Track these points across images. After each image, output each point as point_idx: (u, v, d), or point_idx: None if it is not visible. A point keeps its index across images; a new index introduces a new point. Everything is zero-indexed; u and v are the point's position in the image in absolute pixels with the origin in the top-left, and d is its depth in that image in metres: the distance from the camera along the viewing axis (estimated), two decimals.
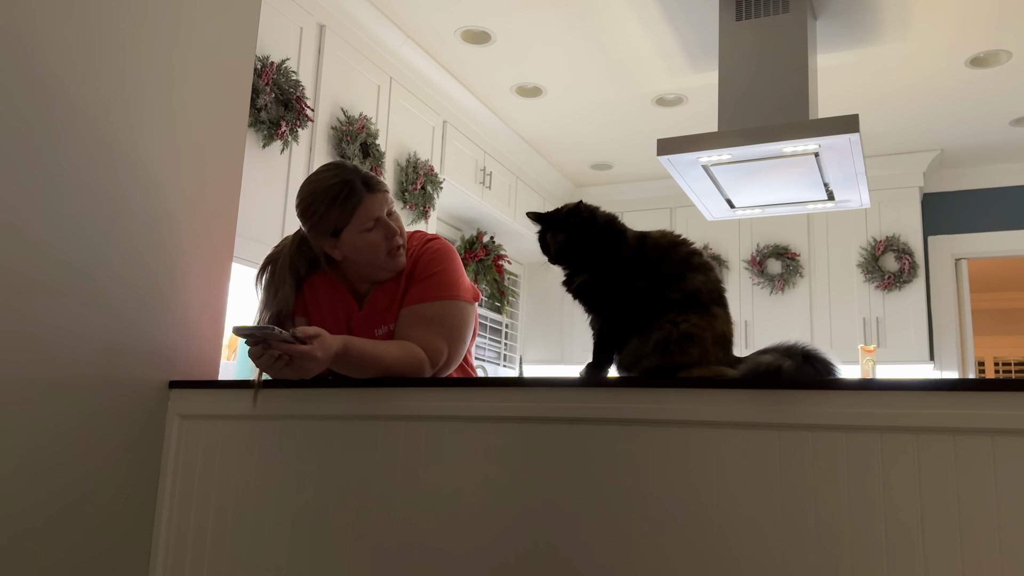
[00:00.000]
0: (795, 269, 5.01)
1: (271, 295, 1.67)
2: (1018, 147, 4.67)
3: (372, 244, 1.62)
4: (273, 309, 1.65)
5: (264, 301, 1.68)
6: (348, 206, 1.59)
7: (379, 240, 1.62)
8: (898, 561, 1.09)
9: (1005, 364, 8.29)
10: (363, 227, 1.60)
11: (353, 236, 1.61)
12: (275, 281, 1.68)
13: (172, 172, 1.67)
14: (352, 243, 1.62)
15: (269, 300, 1.67)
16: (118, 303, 1.54)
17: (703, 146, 3.13)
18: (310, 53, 3.14)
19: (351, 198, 1.59)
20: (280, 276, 1.68)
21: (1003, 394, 1.08)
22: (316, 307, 1.70)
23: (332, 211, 1.59)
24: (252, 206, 2.80)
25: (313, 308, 1.70)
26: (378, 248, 1.62)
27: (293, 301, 1.68)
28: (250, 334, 1.39)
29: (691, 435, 1.22)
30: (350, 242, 1.62)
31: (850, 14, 3.36)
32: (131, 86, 1.59)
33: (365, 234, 1.61)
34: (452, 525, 1.35)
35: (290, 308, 1.66)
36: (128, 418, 1.56)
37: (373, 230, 1.61)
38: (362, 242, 1.61)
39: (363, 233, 1.61)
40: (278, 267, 1.69)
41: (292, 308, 1.67)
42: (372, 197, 1.61)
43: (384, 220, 1.62)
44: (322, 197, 1.60)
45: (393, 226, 1.63)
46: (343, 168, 1.64)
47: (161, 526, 1.59)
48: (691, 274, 1.35)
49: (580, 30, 3.56)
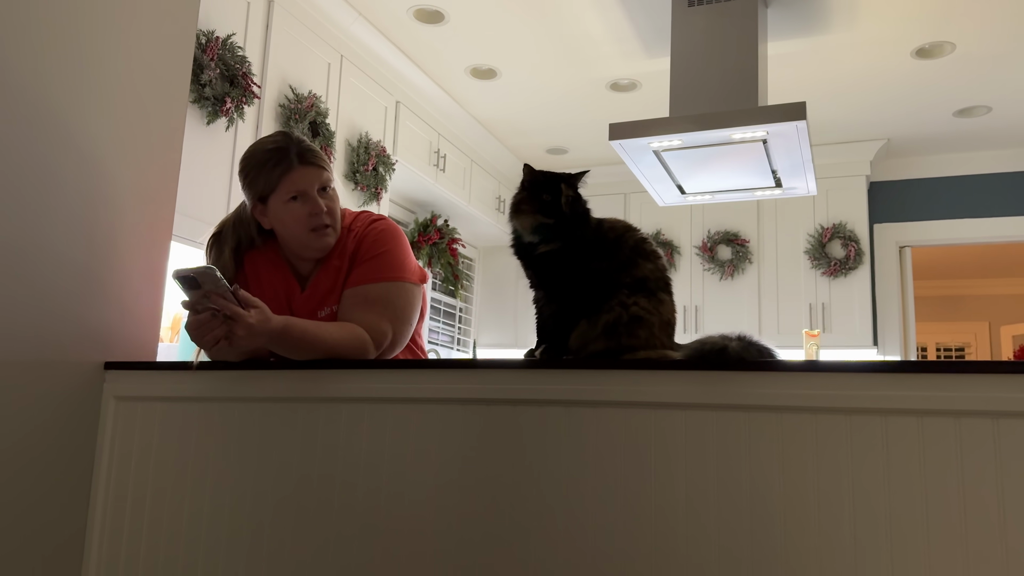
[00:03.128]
0: (744, 255, 5.09)
1: (214, 262, 1.65)
2: (961, 138, 4.79)
3: (295, 217, 1.60)
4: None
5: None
6: (275, 172, 1.58)
7: (303, 214, 1.60)
8: (830, 538, 1.11)
9: (946, 350, 8.55)
10: (287, 196, 1.59)
11: (278, 205, 1.60)
12: (219, 247, 1.66)
13: (108, 146, 1.62)
14: (277, 212, 1.61)
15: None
16: (51, 281, 1.49)
17: (654, 131, 3.14)
18: (257, 28, 3.06)
19: (279, 165, 1.58)
20: (223, 242, 1.67)
21: (932, 376, 1.11)
22: (257, 286, 1.67)
23: (261, 176, 1.59)
24: (195, 183, 2.73)
25: (255, 287, 1.66)
26: (300, 222, 1.60)
27: (233, 267, 1.66)
28: (190, 277, 1.33)
29: (631, 416, 1.23)
30: (275, 211, 1.61)
31: (800, 3, 3.40)
32: (64, 57, 1.53)
33: (289, 204, 1.59)
34: (393, 507, 1.34)
35: (230, 275, 1.64)
36: (62, 399, 1.52)
37: (298, 202, 1.59)
38: (285, 213, 1.60)
39: (287, 203, 1.59)
40: (221, 235, 1.68)
41: (233, 276, 1.65)
42: (302, 169, 1.59)
43: (311, 195, 1.60)
44: (256, 160, 1.61)
45: (320, 203, 1.60)
46: (286, 136, 1.63)
47: (96, 508, 1.55)
48: (642, 261, 1.36)
49: (535, 12, 3.54)
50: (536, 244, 1.39)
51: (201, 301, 1.36)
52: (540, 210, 1.38)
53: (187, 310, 1.39)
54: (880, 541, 1.09)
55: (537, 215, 1.39)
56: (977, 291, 8.41)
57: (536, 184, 1.41)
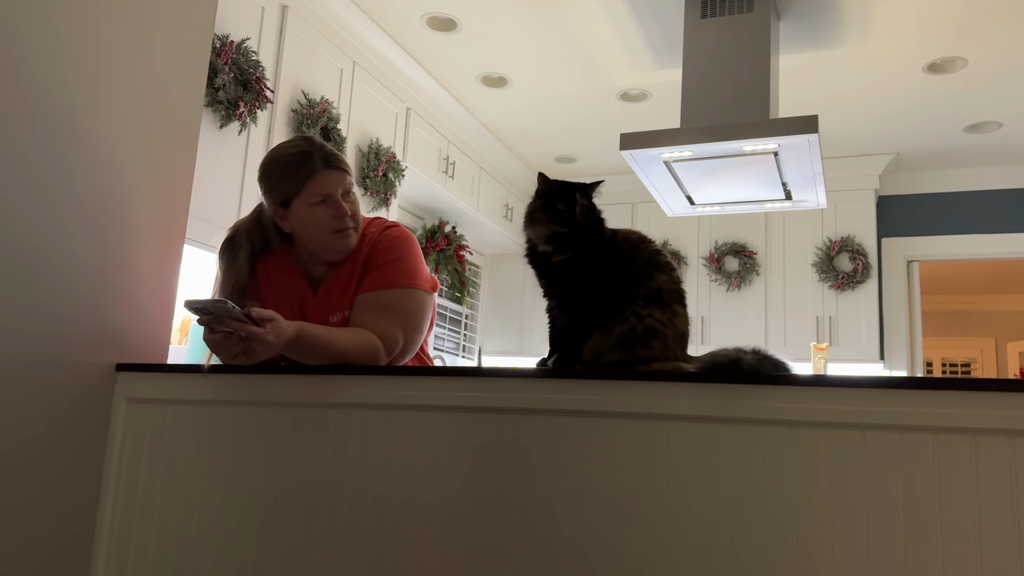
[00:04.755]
0: (752, 267, 5.08)
1: (228, 266, 1.65)
2: (971, 153, 4.78)
3: (319, 220, 1.60)
4: (231, 280, 1.63)
5: (221, 274, 1.66)
6: (300, 176, 1.58)
7: (326, 217, 1.60)
8: (842, 554, 1.10)
9: (952, 365, 8.51)
10: (312, 200, 1.59)
11: (301, 208, 1.60)
12: (232, 251, 1.66)
13: (123, 149, 1.62)
14: (299, 216, 1.60)
15: (226, 271, 1.65)
16: (64, 283, 1.50)
17: (665, 142, 3.14)
18: (271, 34, 3.08)
19: (304, 168, 1.59)
20: (237, 246, 1.66)
21: (948, 393, 1.10)
22: (269, 291, 1.67)
23: (284, 179, 1.59)
24: (208, 187, 2.74)
25: (266, 292, 1.67)
26: (324, 225, 1.60)
27: (247, 271, 1.66)
28: (202, 308, 1.34)
29: (644, 428, 1.23)
30: (298, 214, 1.61)
31: (812, 16, 3.40)
32: (82, 61, 1.54)
33: (313, 208, 1.59)
34: (402, 514, 1.34)
35: (244, 278, 1.64)
36: (74, 400, 1.52)
37: (322, 205, 1.59)
38: (309, 216, 1.60)
39: (311, 207, 1.59)
40: (236, 239, 1.67)
41: (247, 280, 1.65)
42: (327, 173, 1.59)
43: (335, 198, 1.60)
44: (279, 164, 1.61)
45: (344, 206, 1.61)
46: (309, 141, 1.63)
47: (106, 510, 1.55)
48: (656, 272, 1.35)
49: (547, 21, 3.55)
50: (550, 253, 1.39)
51: (216, 324, 1.37)
52: (554, 219, 1.38)
53: (203, 327, 1.39)
54: (894, 558, 1.08)
55: (551, 224, 1.39)
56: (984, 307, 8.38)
57: (550, 193, 1.41)
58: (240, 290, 1.63)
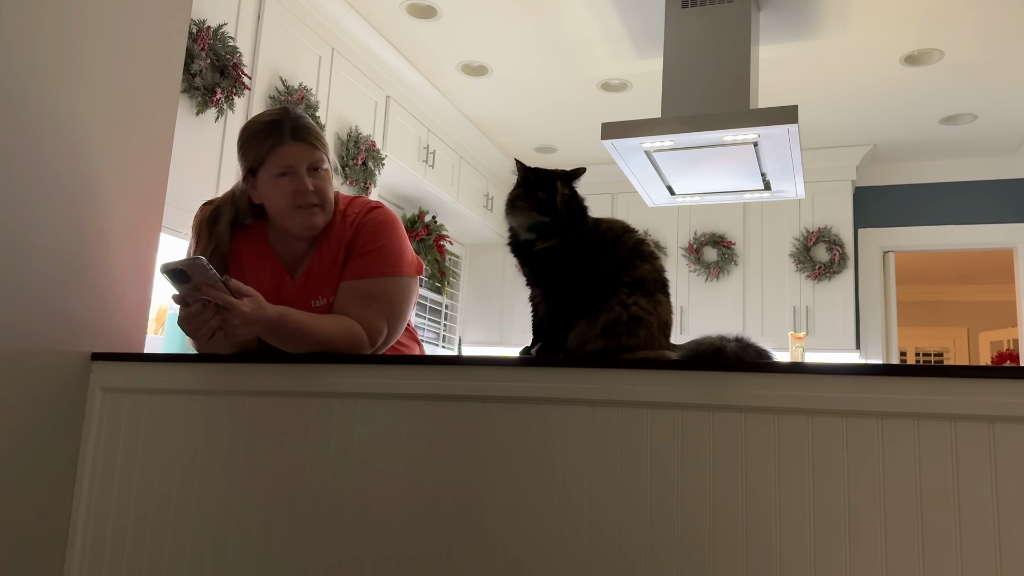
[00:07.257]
0: (730, 257, 5.11)
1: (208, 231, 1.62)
2: (946, 145, 4.84)
3: (281, 192, 1.57)
4: (210, 247, 1.60)
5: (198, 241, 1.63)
6: (265, 145, 1.57)
7: (289, 191, 1.57)
8: (825, 541, 1.11)
9: (926, 354, 8.64)
10: (275, 171, 1.57)
11: (266, 179, 1.58)
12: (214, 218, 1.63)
13: (97, 136, 1.59)
14: (264, 186, 1.59)
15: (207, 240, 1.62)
16: (37, 271, 1.47)
17: (646, 132, 3.15)
18: (249, 19, 3.03)
19: (270, 137, 1.57)
20: (219, 213, 1.64)
21: (928, 379, 1.11)
22: (239, 274, 1.63)
23: (252, 147, 1.58)
24: (184, 174, 2.70)
25: (235, 274, 1.63)
26: (286, 199, 1.57)
27: (228, 239, 1.63)
28: (178, 270, 1.29)
29: (628, 415, 1.23)
30: (263, 184, 1.59)
31: (792, 7, 3.41)
32: (55, 45, 1.51)
33: (277, 179, 1.57)
34: (384, 503, 1.33)
35: (225, 247, 1.62)
36: (48, 390, 1.49)
37: (284, 178, 1.57)
38: (271, 187, 1.58)
39: (275, 178, 1.57)
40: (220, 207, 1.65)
41: (227, 249, 1.62)
42: (292, 145, 1.57)
43: (298, 172, 1.57)
44: (251, 131, 1.60)
45: (306, 181, 1.57)
46: (284, 112, 1.61)
47: (81, 500, 1.52)
48: (640, 261, 1.35)
49: (528, 10, 3.53)
50: (533, 241, 1.39)
51: (192, 294, 1.34)
52: (536, 207, 1.38)
53: (178, 304, 1.36)
54: (875, 543, 1.09)
55: (533, 212, 1.38)
56: (956, 297, 8.51)
57: (531, 181, 1.40)
58: (220, 258, 1.60)
